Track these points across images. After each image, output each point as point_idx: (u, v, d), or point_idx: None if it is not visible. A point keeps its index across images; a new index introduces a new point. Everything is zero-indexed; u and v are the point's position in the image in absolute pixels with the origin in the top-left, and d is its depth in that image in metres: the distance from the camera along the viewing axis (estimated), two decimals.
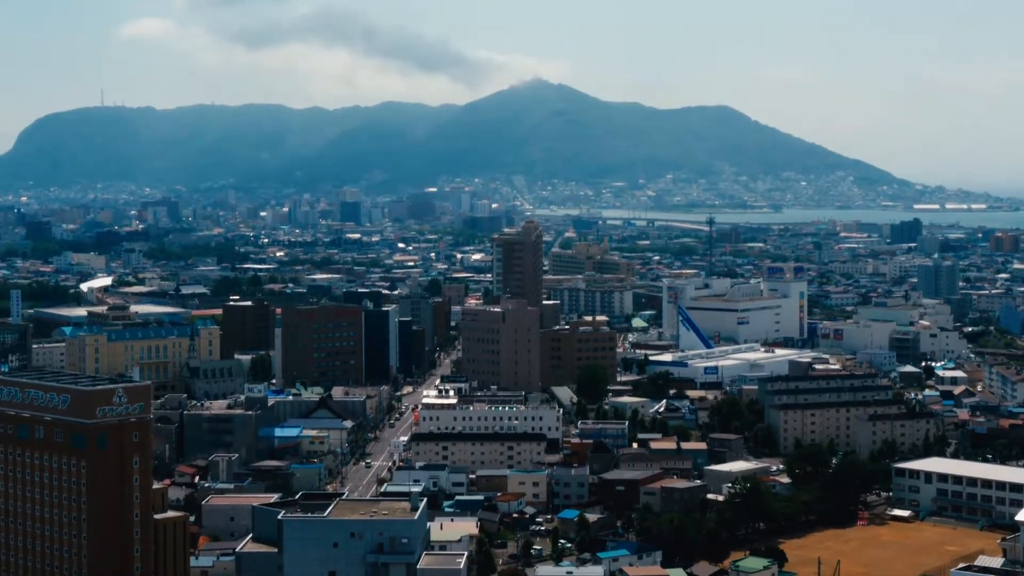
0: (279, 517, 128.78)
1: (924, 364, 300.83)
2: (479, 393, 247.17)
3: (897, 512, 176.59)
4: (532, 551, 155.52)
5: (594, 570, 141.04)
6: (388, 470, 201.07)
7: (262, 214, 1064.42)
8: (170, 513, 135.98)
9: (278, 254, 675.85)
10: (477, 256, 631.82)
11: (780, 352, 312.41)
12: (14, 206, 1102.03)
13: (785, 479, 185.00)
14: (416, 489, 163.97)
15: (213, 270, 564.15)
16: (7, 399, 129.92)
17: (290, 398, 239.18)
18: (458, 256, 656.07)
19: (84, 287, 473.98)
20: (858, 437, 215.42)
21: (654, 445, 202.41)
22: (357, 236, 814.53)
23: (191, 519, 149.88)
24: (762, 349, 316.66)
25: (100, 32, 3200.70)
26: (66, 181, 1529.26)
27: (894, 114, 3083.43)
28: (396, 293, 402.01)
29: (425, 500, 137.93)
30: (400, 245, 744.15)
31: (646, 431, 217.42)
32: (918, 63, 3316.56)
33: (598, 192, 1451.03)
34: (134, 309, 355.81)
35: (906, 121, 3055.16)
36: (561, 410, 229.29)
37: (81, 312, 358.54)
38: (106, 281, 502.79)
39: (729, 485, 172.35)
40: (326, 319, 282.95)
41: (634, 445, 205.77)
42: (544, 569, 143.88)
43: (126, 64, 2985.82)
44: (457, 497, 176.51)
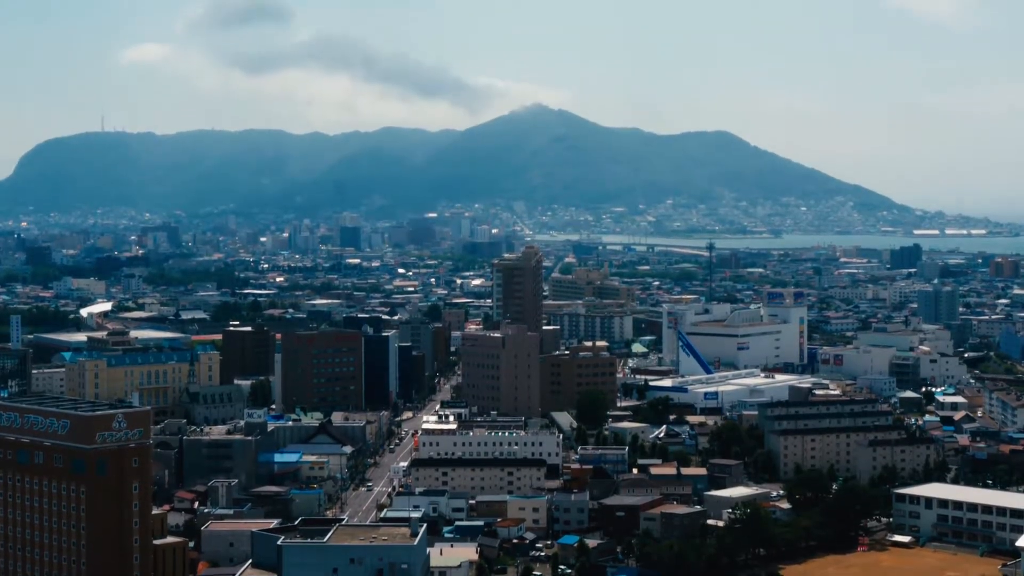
0: (279, 543, 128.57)
1: (924, 389, 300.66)
2: (479, 418, 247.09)
3: (898, 538, 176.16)
4: None
5: None
6: (388, 495, 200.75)
7: (262, 239, 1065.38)
8: (169, 539, 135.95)
9: (278, 279, 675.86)
10: (477, 281, 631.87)
11: (780, 377, 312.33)
12: (14, 231, 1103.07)
13: (785, 505, 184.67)
14: (416, 515, 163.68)
15: (213, 295, 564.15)
16: (7, 424, 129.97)
17: (290, 423, 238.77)
18: (458, 281, 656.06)
19: (84, 312, 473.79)
20: (858, 463, 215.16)
21: (654, 471, 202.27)
22: (357, 261, 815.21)
23: (190, 545, 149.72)
24: (762, 374, 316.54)
25: (100, 57, 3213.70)
26: (66, 206, 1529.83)
27: (894, 139, 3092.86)
28: (396, 318, 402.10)
29: (425, 526, 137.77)
30: (400, 270, 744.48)
31: (646, 456, 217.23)
32: (917, 89, 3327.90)
33: (598, 217, 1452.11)
34: (134, 334, 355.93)
35: (906, 146, 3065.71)
36: (561, 435, 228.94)
37: (81, 337, 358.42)
38: (106, 306, 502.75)
39: (729, 511, 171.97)
40: (326, 344, 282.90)
41: (634, 471, 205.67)
42: None
43: (126, 89, 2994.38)
44: (457, 523, 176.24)
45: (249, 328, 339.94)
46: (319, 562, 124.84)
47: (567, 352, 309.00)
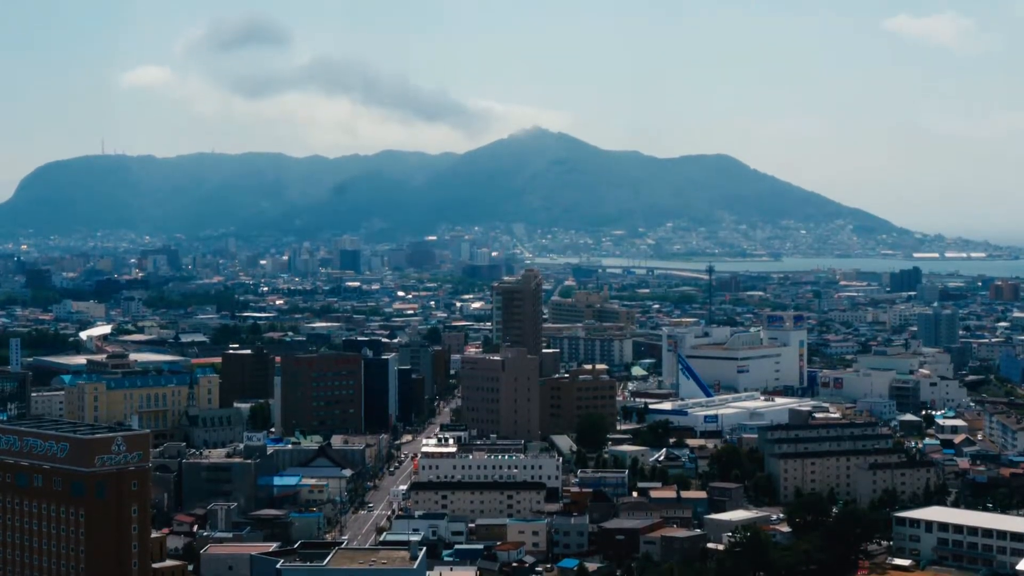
0: (278, 566, 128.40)
1: (924, 413, 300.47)
2: (478, 442, 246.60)
3: (898, 561, 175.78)
4: None
5: None
6: (387, 519, 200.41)
7: (262, 262, 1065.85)
8: (169, 562, 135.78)
9: (278, 302, 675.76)
10: (477, 304, 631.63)
11: (780, 400, 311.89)
12: (14, 254, 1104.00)
13: (785, 528, 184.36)
14: (415, 538, 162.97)
15: (212, 318, 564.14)
16: (5, 447, 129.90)
17: (289, 446, 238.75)
18: (457, 304, 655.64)
19: (83, 335, 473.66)
20: (858, 486, 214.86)
21: (654, 494, 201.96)
22: (356, 284, 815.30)
23: (190, 568, 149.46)
24: (762, 397, 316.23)
25: (101, 81, 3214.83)
26: (66, 229, 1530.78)
27: (893, 163, 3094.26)
28: (395, 341, 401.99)
29: (424, 549, 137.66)
30: (400, 293, 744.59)
31: (646, 480, 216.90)
32: (917, 112, 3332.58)
33: (598, 240, 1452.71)
34: (133, 357, 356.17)
35: (905, 170, 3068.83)
36: (561, 459, 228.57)
37: (80, 360, 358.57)
38: (105, 329, 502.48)
39: (729, 534, 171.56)
40: (325, 367, 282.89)
41: (634, 494, 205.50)
42: None
43: (126, 113, 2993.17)
44: (456, 546, 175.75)
45: (249, 351, 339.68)
46: None
47: (567, 375, 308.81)
